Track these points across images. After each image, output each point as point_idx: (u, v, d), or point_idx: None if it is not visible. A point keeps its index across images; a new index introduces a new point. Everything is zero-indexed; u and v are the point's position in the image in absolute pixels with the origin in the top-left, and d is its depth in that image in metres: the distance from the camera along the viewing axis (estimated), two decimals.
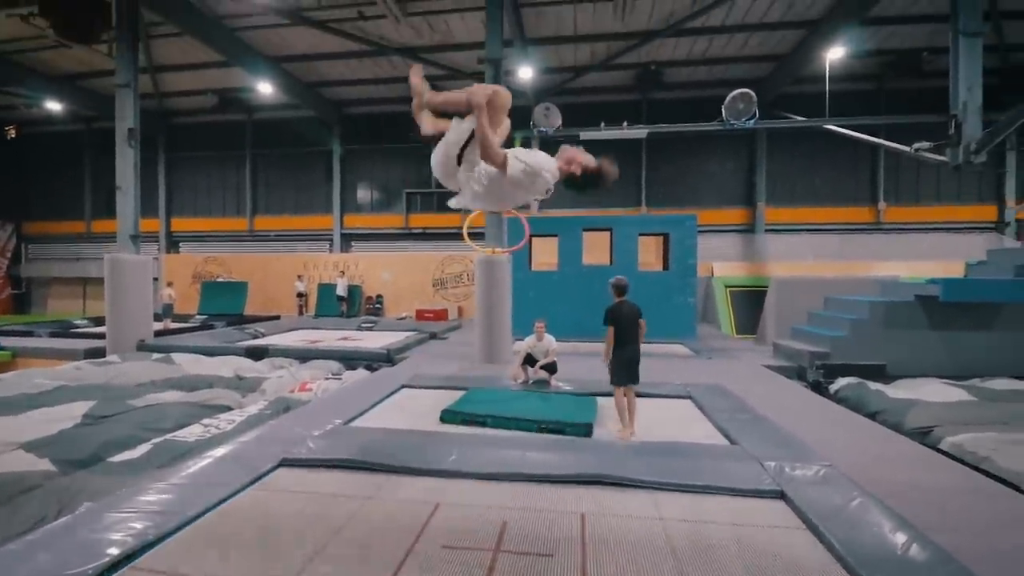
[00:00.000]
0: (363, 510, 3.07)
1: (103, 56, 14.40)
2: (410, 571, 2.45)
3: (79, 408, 5.22)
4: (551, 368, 6.17)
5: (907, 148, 10.35)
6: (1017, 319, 7.18)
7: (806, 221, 16.73)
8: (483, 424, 4.74)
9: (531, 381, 6.24)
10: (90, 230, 20.59)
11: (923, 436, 4.72)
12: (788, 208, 16.75)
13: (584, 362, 7.19)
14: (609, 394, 5.28)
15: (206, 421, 4.95)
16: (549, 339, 6.24)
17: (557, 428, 4.56)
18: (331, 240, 19.17)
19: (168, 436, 4.55)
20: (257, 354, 8.87)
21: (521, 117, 13.09)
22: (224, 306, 16.31)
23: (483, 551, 2.62)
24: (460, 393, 5.65)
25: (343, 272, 16.97)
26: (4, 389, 6.01)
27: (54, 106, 17.57)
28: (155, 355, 8.66)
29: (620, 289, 4.70)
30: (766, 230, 16.68)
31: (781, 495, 3.14)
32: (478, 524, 2.90)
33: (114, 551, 2.47)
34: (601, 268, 10.70)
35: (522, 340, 6.68)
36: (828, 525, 2.74)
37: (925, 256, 15.03)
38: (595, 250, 11.78)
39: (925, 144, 9.92)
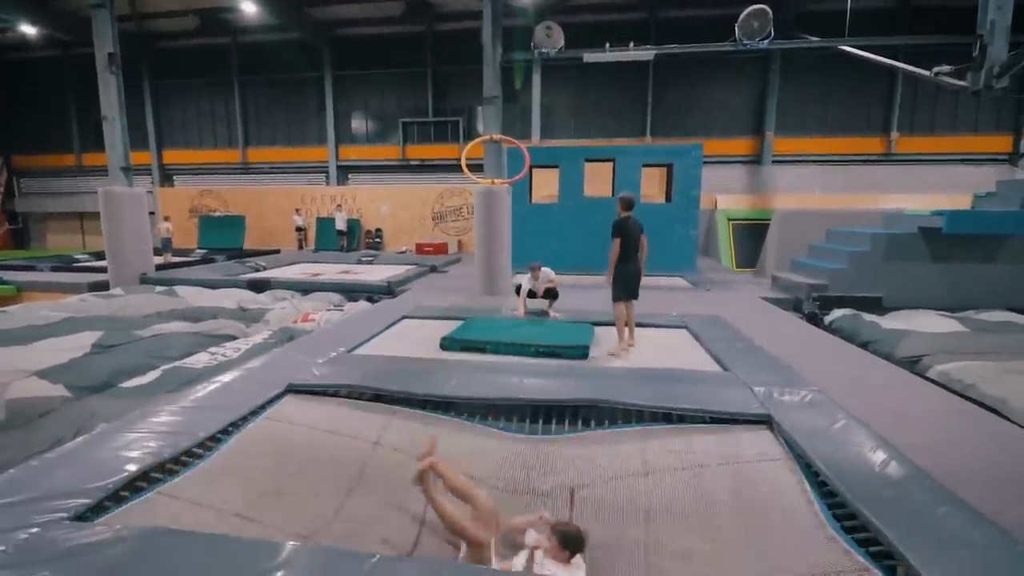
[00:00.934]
0: (371, 445, 3.16)
1: None
2: (411, 495, 2.56)
3: (88, 338, 5.33)
4: (553, 294, 6.22)
5: (927, 72, 9.85)
6: (1020, 252, 7.14)
7: (815, 152, 16.25)
8: (482, 350, 4.86)
9: (530, 311, 6.32)
10: (81, 163, 20.12)
11: (912, 365, 4.84)
12: (797, 138, 16.22)
13: (585, 294, 7.25)
14: (607, 323, 5.39)
15: (212, 349, 5.07)
16: (546, 272, 6.25)
17: (554, 352, 4.69)
18: (327, 173, 18.78)
19: (176, 363, 4.68)
20: (259, 287, 8.94)
21: (521, 38, 12.39)
22: (223, 240, 16.26)
23: (486, 471, 2.76)
24: (460, 323, 5.74)
25: (340, 206, 16.75)
26: (12, 322, 6.11)
27: (28, 29, 16.59)
28: (158, 288, 8.73)
29: (627, 203, 4.66)
30: (773, 161, 16.25)
31: (768, 418, 3.26)
32: (478, 452, 3.01)
33: (132, 467, 2.60)
34: (603, 200, 10.53)
35: (522, 273, 6.70)
36: (811, 445, 2.86)
37: (937, 189, 14.72)
38: (597, 181, 11.53)
39: (946, 68, 9.43)
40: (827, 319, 6.85)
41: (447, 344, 5.01)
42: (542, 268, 6.24)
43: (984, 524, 2.16)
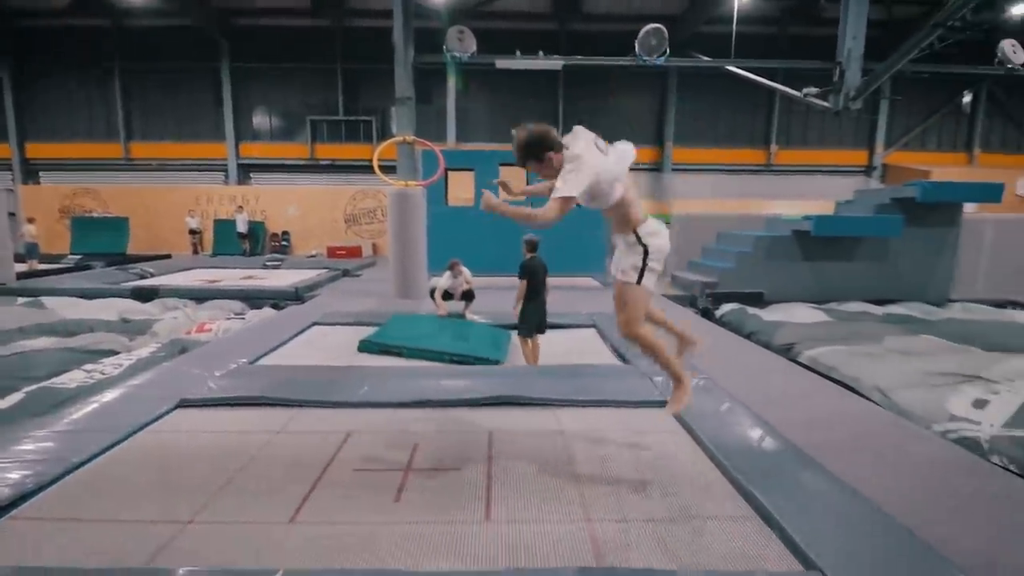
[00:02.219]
0: (271, 445, 3.06)
1: None
2: (320, 496, 2.51)
3: None
4: (469, 296, 6.28)
5: (798, 93, 11.12)
6: (872, 251, 8.26)
7: (708, 161, 17.72)
8: (399, 355, 4.88)
9: (447, 314, 6.33)
10: None
11: (787, 351, 5.45)
12: (693, 149, 17.59)
13: (501, 296, 7.32)
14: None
15: (88, 367, 4.56)
16: (465, 272, 6.29)
17: (468, 361, 4.78)
18: (226, 171, 17.51)
19: (44, 384, 4.15)
20: (145, 295, 8.16)
21: (433, 41, 12.37)
22: (102, 245, 14.60)
23: (394, 471, 2.75)
24: (374, 329, 5.63)
25: (241, 207, 15.68)
26: None
27: None
28: (21, 299, 7.69)
29: (532, 245, 4.92)
30: (672, 169, 17.48)
31: (665, 404, 3.52)
32: (389, 449, 3.01)
33: None
34: (518, 203, 10.74)
35: (438, 276, 6.69)
36: (702, 427, 3.15)
37: (808, 196, 16.59)
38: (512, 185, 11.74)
39: (813, 89, 10.71)
40: (718, 313, 7.50)
41: (365, 347, 5.02)
42: (462, 269, 6.27)
43: (838, 484, 2.50)
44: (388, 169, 9.08)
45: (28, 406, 3.75)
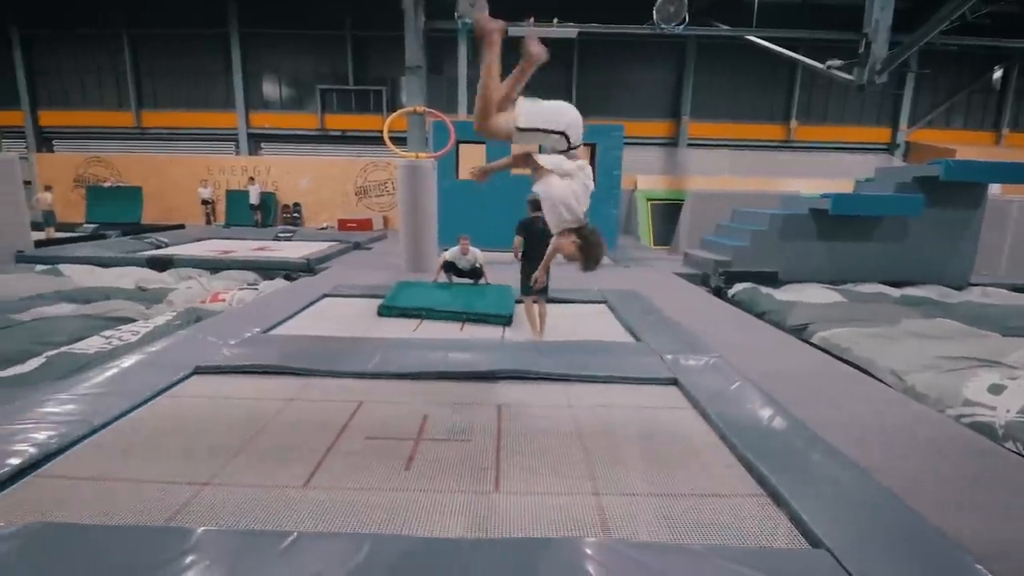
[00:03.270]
0: (285, 412, 3.12)
1: None
2: (333, 462, 2.57)
3: None
4: (478, 274, 6.28)
5: (821, 65, 10.75)
6: (891, 231, 8.09)
7: (726, 136, 17.28)
8: (419, 316, 5.21)
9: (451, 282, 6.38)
10: None
11: (799, 332, 5.40)
12: (710, 123, 17.15)
13: (512, 271, 7.33)
14: None
15: (107, 333, 4.65)
16: (475, 252, 6.26)
17: (482, 318, 5.11)
18: (237, 141, 17.45)
19: (64, 349, 4.25)
20: (161, 264, 8.26)
21: (444, 6, 12.07)
22: (117, 214, 14.73)
23: (405, 440, 2.79)
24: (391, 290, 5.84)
25: (253, 178, 15.66)
26: None
27: None
28: (39, 267, 7.82)
29: (535, 205, 4.85)
30: (688, 144, 17.11)
31: (675, 382, 3.54)
32: (401, 418, 3.05)
33: (14, 461, 2.38)
34: (530, 179, 10.61)
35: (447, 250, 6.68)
36: (711, 405, 3.14)
37: (827, 174, 16.19)
38: None
39: (837, 62, 10.34)
40: (730, 292, 7.44)
41: (385, 311, 5.33)
42: (471, 249, 6.25)
43: (847, 465, 2.50)
44: (399, 141, 8.99)
45: (50, 369, 3.85)
